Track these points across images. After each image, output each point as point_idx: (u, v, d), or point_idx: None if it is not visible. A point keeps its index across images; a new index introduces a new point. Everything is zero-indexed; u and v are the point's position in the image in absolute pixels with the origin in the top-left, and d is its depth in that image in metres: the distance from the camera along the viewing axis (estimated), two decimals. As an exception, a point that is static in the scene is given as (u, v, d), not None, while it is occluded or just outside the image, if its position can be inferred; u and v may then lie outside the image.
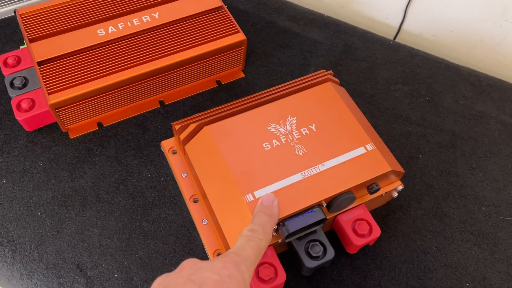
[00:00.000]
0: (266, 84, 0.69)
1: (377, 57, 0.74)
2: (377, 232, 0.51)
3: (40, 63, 0.59)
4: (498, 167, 0.62)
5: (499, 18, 0.74)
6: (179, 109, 0.66)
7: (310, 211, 0.47)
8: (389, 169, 0.49)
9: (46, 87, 0.57)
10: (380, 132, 0.65)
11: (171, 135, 0.61)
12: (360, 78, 0.71)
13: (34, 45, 0.61)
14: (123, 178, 0.59)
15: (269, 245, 0.49)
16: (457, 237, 0.56)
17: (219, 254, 0.51)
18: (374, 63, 0.73)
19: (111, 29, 0.63)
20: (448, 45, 0.83)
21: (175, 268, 0.51)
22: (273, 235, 0.48)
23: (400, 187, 0.54)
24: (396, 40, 0.86)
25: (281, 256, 0.51)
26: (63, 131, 0.62)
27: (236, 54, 0.67)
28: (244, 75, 0.70)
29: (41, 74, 0.58)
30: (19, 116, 0.59)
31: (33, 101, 0.59)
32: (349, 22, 0.80)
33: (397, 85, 0.71)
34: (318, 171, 0.49)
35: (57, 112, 0.58)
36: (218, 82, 0.69)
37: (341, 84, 0.67)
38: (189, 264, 0.36)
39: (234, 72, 0.70)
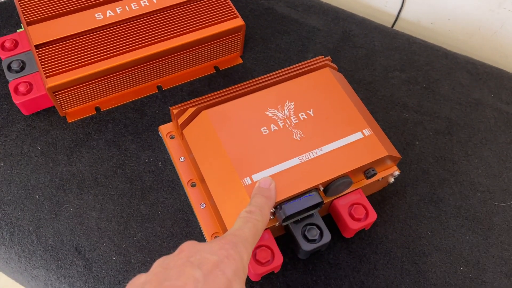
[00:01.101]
0: (264, 70, 0.69)
1: (375, 44, 0.74)
2: (373, 216, 0.51)
3: (37, 47, 0.59)
4: (493, 153, 0.63)
5: (497, 6, 0.74)
6: (177, 94, 0.66)
7: (307, 195, 0.48)
8: (385, 153, 0.50)
9: (44, 71, 0.57)
10: (377, 118, 0.65)
11: (169, 120, 0.61)
12: (358, 65, 0.71)
13: (31, 29, 0.60)
14: (121, 162, 0.59)
15: (266, 229, 0.49)
16: (452, 222, 0.57)
17: (216, 237, 0.51)
18: (372, 50, 0.73)
19: (109, 13, 0.62)
20: (446, 33, 0.83)
21: (173, 251, 0.52)
22: (270, 219, 0.48)
23: (397, 173, 0.54)
24: (394, 27, 0.87)
25: (278, 240, 0.52)
26: (61, 115, 0.62)
27: (234, 40, 0.67)
28: (242, 61, 0.70)
29: (39, 57, 0.58)
30: (17, 100, 0.58)
31: (30, 84, 0.59)
32: (347, 9, 0.80)
33: (394, 72, 0.71)
34: (315, 155, 0.49)
35: (55, 95, 0.58)
36: (216, 67, 0.69)
37: (339, 71, 0.67)
38: (188, 246, 0.36)
39: (232, 58, 0.70)
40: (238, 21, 0.64)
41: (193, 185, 0.55)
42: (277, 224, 0.49)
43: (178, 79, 0.67)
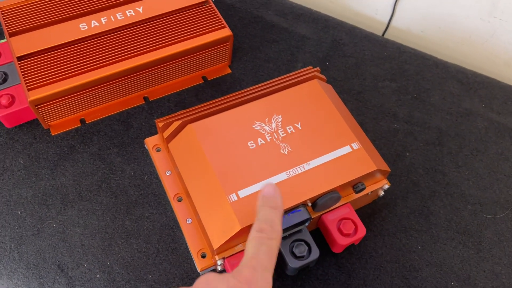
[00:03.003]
0: (253, 80, 0.68)
1: (365, 53, 0.73)
2: (362, 231, 0.50)
3: (20, 58, 0.58)
4: (484, 165, 0.62)
5: (487, 15, 0.74)
6: (164, 106, 0.65)
7: (294, 210, 0.47)
8: (374, 168, 0.49)
9: (26, 83, 0.56)
10: (367, 129, 0.64)
11: (156, 132, 0.60)
12: (348, 74, 0.71)
13: (14, 40, 0.59)
14: (106, 176, 0.58)
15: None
16: (442, 236, 0.56)
17: (203, 254, 0.50)
18: (362, 59, 0.73)
19: (94, 23, 0.61)
20: (436, 41, 0.83)
21: (157, 268, 0.51)
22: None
23: (387, 186, 0.53)
24: (385, 36, 0.86)
25: (265, 256, 0.51)
26: (45, 127, 0.61)
27: (222, 50, 0.66)
28: (230, 71, 0.69)
29: (21, 69, 0.57)
30: (-1, 113, 0.57)
31: (13, 97, 0.58)
32: (337, 17, 0.79)
33: (384, 81, 0.70)
34: (303, 170, 0.48)
35: (38, 108, 0.57)
36: (204, 78, 0.68)
37: (328, 81, 0.67)
38: (202, 284, 0.33)
39: (220, 68, 0.69)
40: (226, 31, 0.63)
41: (179, 200, 0.53)
42: (264, 240, 0.48)
43: (165, 90, 0.66)
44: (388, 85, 0.70)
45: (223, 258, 0.48)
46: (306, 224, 0.48)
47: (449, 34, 0.80)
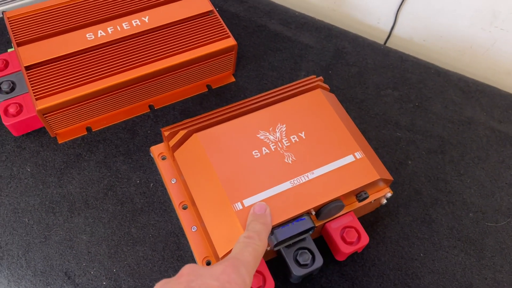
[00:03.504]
0: (256, 89, 0.69)
1: (368, 62, 0.74)
2: (365, 239, 0.51)
3: (27, 68, 0.59)
4: (485, 173, 0.63)
5: (488, 24, 0.75)
6: (169, 114, 0.66)
7: (298, 219, 0.47)
8: (377, 177, 0.50)
9: (34, 93, 0.56)
10: (370, 137, 0.65)
11: (161, 140, 0.61)
12: (351, 83, 0.71)
13: (21, 49, 0.60)
14: (112, 184, 0.59)
15: (258, 253, 0.49)
16: (444, 244, 0.57)
17: (208, 261, 0.51)
18: (364, 68, 0.73)
19: (100, 33, 0.62)
20: (438, 50, 0.84)
21: (164, 275, 0.51)
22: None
23: (389, 194, 0.54)
24: (387, 44, 0.87)
25: (270, 263, 0.51)
26: (52, 136, 0.62)
27: (226, 59, 0.66)
28: (234, 80, 0.70)
29: (29, 79, 0.57)
30: (7, 121, 0.58)
31: (20, 106, 0.59)
32: (340, 26, 0.80)
33: (387, 90, 0.71)
34: (307, 179, 0.49)
35: (45, 117, 0.58)
36: (208, 86, 0.69)
37: (331, 89, 0.67)
38: (188, 270, 0.35)
39: (225, 77, 0.70)
40: (230, 41, 0.64)
41: (184, 208, 0.54)
42: (268, 248, 0.49)
43: (170, 98, 0.67)
44: (391, 93, 0.71)
45: (228, 266, 0.48)
46: (310, 232, 0.49)
47: (451, 43, 0.81)
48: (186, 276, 0.35)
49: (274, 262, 0.53)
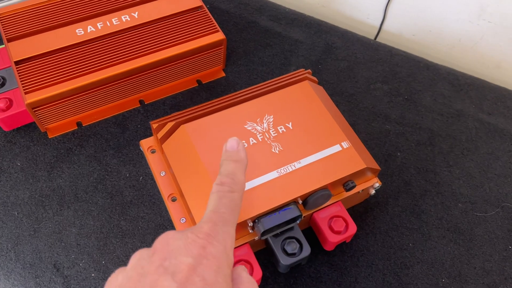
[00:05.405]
0: (246, 84, 0.70)
1: (358, 57, 0.75)
2: (353, 229, 0.51)
3: (17, 63, 0.59)
4: (474, 164, 0.63)
5: (476, 18, 0.75)
6: (159, 109, 0.66)
7: (285, 208, 0.48)
8: (364, 166, 0.50)
9: (23, 86, 0.57)
10: (359, 130, 0.65)
11: (151, 134, 0.61)
12: (340, 77, 0.72)
13: (11, 45, 0.60)
14: (101, 178, 0.59)
15: (246, 243, 0.49)
16: (433, 234, 0.57)
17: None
18: (354, 63, 0.74)
19: (90, 28, 0.63)
20: (427, 45, 0.84)
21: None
22: (249, 232, 0.48)
23: (377, 185, 0.54)
24: (377, 39, 0.87)
25: (258, 254, 0.52)
26: (42, 130, 0.62)
27: (216, 54, 0.67)
28: (224, 75, 0.70)
29: (18, 73, 0.58)
30: (-4, 116, 0.58)
31: (10, 100, 0.59)
32: (330, 22, 0.80)
33: (376, 84, 0.71)
34: (293, 168, 0.49)
35: (35, 111, 0.58)
36: (198, 81, 0.69)
37: (321, 83, 0.68)
38: (161, 245, 0.32)
39: (215, 72, 0.70)
40: (219, 35, 0.65)
41: (173, 200, 0.54)
42: (256, 238, 0.49)
43: (160, 93, 0.67)
44: (380, 87, 0.71)
45: (216, 256, 0.48)
46: (298, 221, 0.49)
47: (440, 37, 0.82)
48: (158, 253, 0.31)
49: (263, 252, 0.53)
